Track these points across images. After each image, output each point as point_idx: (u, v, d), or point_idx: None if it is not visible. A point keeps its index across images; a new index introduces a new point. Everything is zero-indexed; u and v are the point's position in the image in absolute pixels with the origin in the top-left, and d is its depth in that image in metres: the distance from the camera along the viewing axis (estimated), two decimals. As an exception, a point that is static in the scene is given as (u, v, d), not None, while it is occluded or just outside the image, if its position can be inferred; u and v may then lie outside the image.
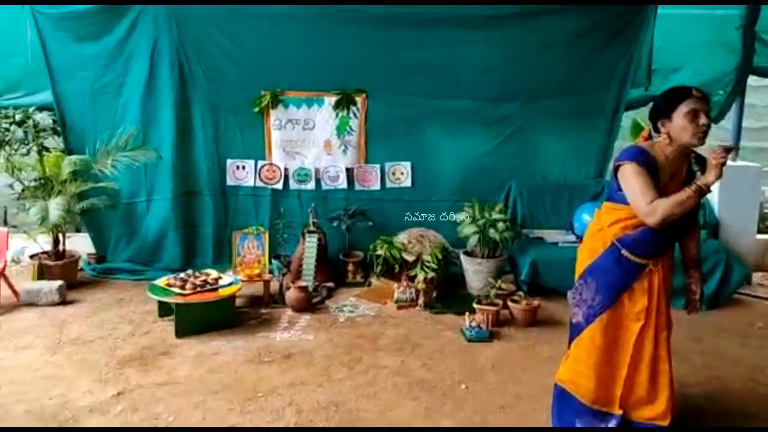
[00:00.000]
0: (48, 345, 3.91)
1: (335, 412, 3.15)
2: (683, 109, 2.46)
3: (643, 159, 2.51)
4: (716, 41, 5.33)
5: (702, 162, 2.57)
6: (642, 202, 2.47)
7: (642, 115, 6.67)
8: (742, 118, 5.63)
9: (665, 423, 2.66)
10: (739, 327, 4.39)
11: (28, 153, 5.22)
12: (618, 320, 2.66)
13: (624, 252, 2.62)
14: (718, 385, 3.50)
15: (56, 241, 5.07)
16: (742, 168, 5.49)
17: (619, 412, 2.69)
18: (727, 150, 2.42)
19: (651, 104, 2.68)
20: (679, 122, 2.48)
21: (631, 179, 2.51)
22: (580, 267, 2.78)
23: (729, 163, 5.35)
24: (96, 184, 5.10)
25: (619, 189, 2.60)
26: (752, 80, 5.57)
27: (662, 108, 2.54)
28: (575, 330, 2.78)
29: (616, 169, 2.60)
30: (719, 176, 2.41)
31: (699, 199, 2.46)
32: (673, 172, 2.56)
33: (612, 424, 2.70)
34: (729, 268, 4.83)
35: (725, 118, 5.55)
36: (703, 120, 2.45)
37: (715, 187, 5.13)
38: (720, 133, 6.78)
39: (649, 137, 2.70)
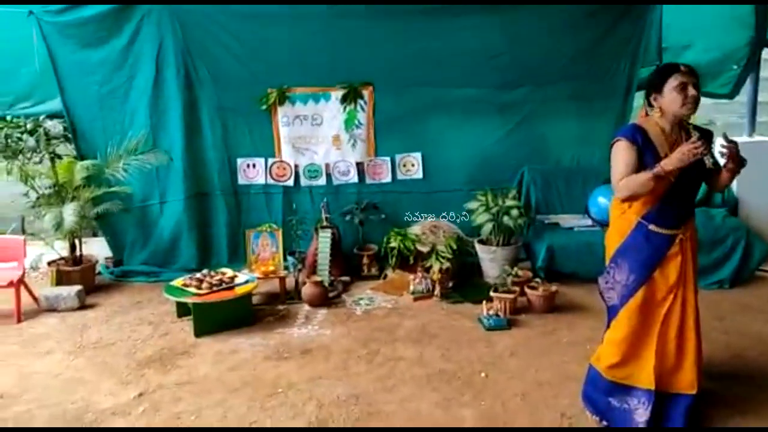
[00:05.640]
0: (69, 349, 3.95)
1: (355, 405, 3.15)
2: (672, 82, 2.61)
3: (632, 135, 2.66)
4: (727, 16, 5.22)
5: (703, 133, 2.67)
6: (616, 177, 2.65)
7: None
8: (757, 92, 5.53)
9: (692, 392, 2.68)
10: (762, 304, 4.32)
11: (40, 161, 5.26)
12: (653, 295, 2.71)
13: (651, 227, 2.69)
14: (742, 364, 3.44)
15: (73, 247, 5.11)
16: (759, 143, 5.38)
17: (650, 387, 2.70)
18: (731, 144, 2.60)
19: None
20: (669, 95, 2.63)
21: (618, 155, 2.68)
22: (610, 251, 2.83)
23: (746, 138, 5.39)
24: (109, 188, 5.13)
25: None
26: (767, 54, 5.45)
27: (654, 83, 2.70)
28: (612, 312, 2.83)
29: (612, 146, 2.72)
30: (683, 162, 2.48)
31: (657, 181, 2.55)
32: (672, 142, 2.67)
33: (643, 399, 2.72)
34: (750, 245, 4.77)
35: (741, 93, 5.43)
36: (691, 92, 2.60)
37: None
38: (736, 107, 6.69)
39: (646, 115, 2.77)
